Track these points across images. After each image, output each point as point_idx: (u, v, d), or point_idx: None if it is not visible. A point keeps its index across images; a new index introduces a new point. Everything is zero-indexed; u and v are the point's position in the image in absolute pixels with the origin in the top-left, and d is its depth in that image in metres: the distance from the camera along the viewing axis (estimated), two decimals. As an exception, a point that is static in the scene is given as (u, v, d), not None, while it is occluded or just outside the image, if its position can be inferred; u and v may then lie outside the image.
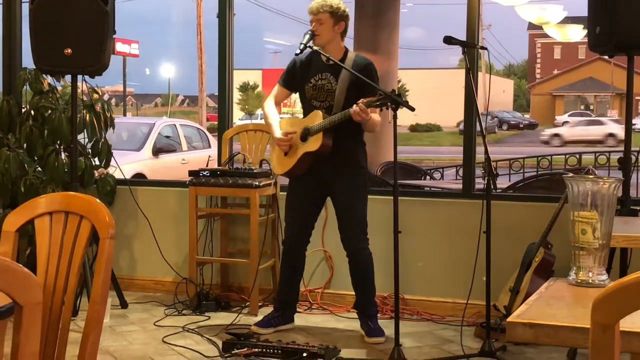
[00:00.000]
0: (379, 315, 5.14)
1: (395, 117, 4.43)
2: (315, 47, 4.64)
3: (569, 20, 12.39)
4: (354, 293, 4.94)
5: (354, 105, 4.50)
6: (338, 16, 4.73)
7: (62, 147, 5.68)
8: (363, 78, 4.63)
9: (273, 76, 5.37)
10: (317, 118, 4.70)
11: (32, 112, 5.73)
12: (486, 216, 4.39)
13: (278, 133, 4.81)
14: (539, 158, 12.80)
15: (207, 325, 5.06)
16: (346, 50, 4.80)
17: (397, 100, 4.35)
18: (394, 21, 11.10)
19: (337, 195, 4.81)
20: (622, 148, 4.62)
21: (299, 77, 4.86)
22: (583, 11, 4.75)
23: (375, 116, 4.63)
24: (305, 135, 4.74)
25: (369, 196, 5.30)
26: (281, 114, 5.09)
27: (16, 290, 1.69)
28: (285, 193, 5.04)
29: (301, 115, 4.94)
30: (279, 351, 4.38)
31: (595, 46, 4.58)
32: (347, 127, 4.67)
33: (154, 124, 13.15)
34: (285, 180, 5.15)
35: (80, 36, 5.14)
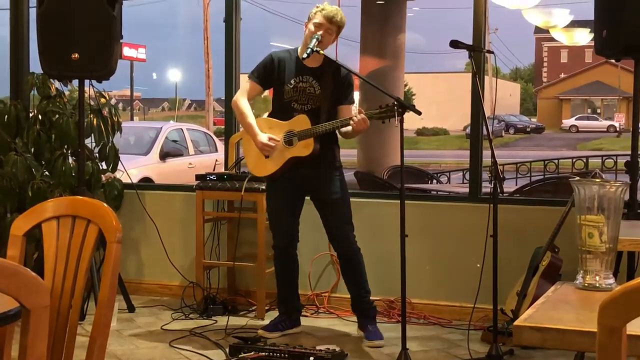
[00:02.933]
0: (385, 319, 5.15)
1: (401, 121, 4.43)
2: (322, 52, 4.65)
3: (575, 24, 12.39)
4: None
5: (354, 116, 4.52)
6: (339, 32, 4.79)
7: (69, 151, 5.69)
8: (374, 85, 4.66)
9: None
10: (305, 123, 4.67)
11: (40, 116, 5.75)
12: (493, 220, 4.38)
13: (263, 137, 4.73)
14: (546, 162, 12.79)
15: (214, 329, 5.06)
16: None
17: (398, 110, 4.37)
18: (400, 25, 11.10)
19: (321, 195, 4.80)
20: (628, 152, 4.62)
21: (276, 75, 4.80)
22: (589, 15, 4.75)
23: None
24: (290, 138, 4.73)
25: (376, 200, 5.32)
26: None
27: (24, 294, 1.69)
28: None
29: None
30: (286, 355, 4.38)
31: (602, 50, 4.57)
32: None
33: (161, 128, 13.19)
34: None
35: (87, 41, 5.15)
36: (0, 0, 6.54)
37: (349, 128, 4.63)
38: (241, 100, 4.85)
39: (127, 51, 30.70)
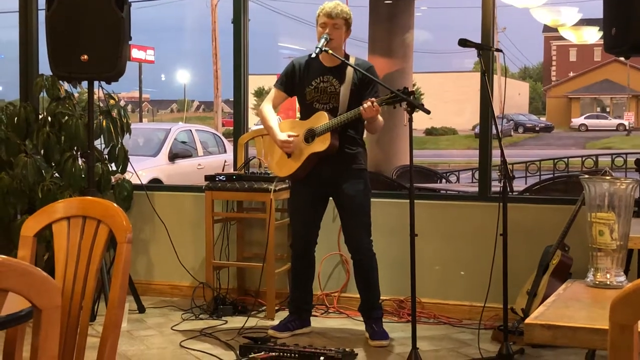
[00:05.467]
0: (395, 319, 5.14)
1: (411, 120, 4.43)
2: (330, 51, 4.66)
3: (584, 22, 12.35)
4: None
5: (364, 103, 4.51)
6: (349, 23, 4.80)
7: (79, 153, 5.71)
8: (374, 79, 4.68)
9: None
10: (323, 119, 4.71)
11: (49, 118, 5.76)
12: (503, 219, 4.37)
13: (282, 135, 4.81)
14: (556, 160, 12.78)
15: (224, 330, 5.06)
16: (347, 55, 4.82)
17: (409, 99, 4.36)
18: (408, 25, 11.09)
19: (341, 197, 4.82)
20: (638, 150, 4.60)
21: (298, 80, 4.86)
22: (598, 13, 4.73)
23: (380, 117, 4.67)
24: (309, 136, 4.75)
25: (385, 200, 5.31)
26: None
27: (35, 294, 1.70)
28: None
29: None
30: (296, 355, 4.38)
31: (611, 48, 4.55)
32: (348, 128, 4.72)
33: (170, 129, 13.22)
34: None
35: (96, 43, 5.16)
36: (10, 2, 6.56)
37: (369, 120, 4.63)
38: (265, 106, 4.95)
39: (135, 53, 30.73)
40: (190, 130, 14.12)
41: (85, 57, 5.15)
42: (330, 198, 4.95)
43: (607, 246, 2.18)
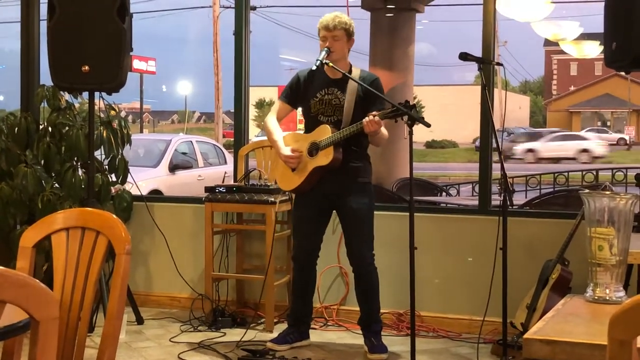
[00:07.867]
0: (394, 332, 5.12)
1: (411, 133, 4.42)
2: (331, 64, 4.66)
3: (585, 36, 12.38)
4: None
5: (367, 116, 4.51)
6: (350, 33, 4.78)
7: (79, 163, 5.71)
8: (375, 92, 4.67)
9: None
10: (326, 132, 4.71)
11: (50, 128, 5.77)
12: (502, 233, 4.37)
13: (286, 150, 4.81)
14: (556, 174, 12.78)
15: (222, 342, 5.05)
16: (351, 66, 4.83)
17: (410, 113, 4.36)
18: (410, 37, 11.12)
19: (345, 210, 4.81)
20: (639, 165, 4.59)
21: (302, 92, 4.86)
22: (599, 27, 4.74)
23: (384, 130, 4.65)
24: (313, 149, 4.75)
25: (385, 212, 5.30)
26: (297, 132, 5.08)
27: (33, 306, 1.69)
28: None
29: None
30: (295, 368, 4.37)
31: (612, 62, 4.56)
32: (352, 141, 4.70)
33: (171, 140, 13.22)
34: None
35: (97, 53, 5.17)
36: (11, 12, 6.58)
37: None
38: (270, 119, 4.95)
39: (137, 64, 30.78)
40: (191, 142, 14.13)
41: (87, 67, 5.15)
42: (334, 211, 4.94)
43: (607, 261, 2.17)
